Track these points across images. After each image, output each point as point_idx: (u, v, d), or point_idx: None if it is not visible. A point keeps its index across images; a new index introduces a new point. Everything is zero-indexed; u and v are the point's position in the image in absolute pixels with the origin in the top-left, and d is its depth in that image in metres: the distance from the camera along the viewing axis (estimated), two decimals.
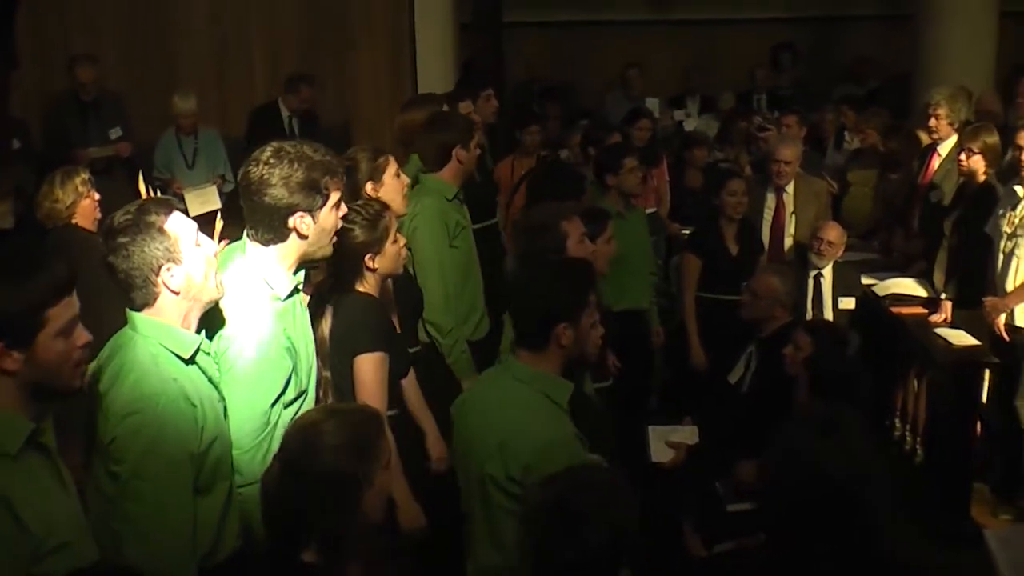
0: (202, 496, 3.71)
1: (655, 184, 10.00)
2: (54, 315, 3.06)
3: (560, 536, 3.21)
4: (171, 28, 11.89)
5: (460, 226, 6.39)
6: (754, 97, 13.55)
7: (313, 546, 3.15)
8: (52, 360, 3.08)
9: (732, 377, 6.68)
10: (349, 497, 3.17)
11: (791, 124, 10.20)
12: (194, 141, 10.86)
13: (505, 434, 4.00)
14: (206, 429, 3.68)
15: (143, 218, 3.62)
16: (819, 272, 7.99)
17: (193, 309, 3.74)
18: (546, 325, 4.12)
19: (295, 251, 4.13)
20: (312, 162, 4.05)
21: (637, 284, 7.56)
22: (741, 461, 5.88)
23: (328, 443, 3.18)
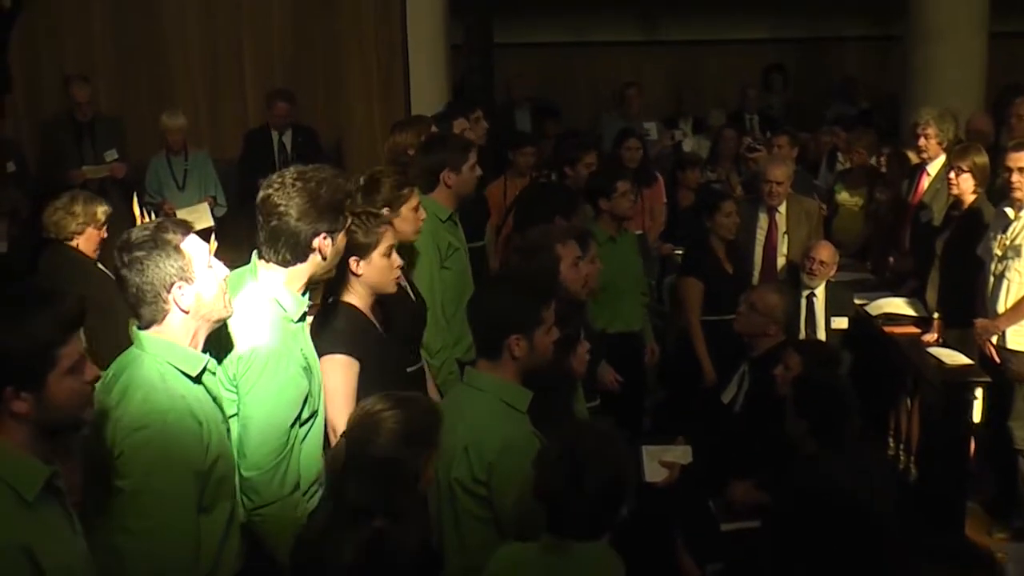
0: (204, 515, 3.72)
1: (648, 205, 9.99)
2: (64, 353, 3.02)
3: (567, 481, 3.60)
4: (163, 50, 11.88)
5: (453, 247, 6.37)
6: (746, 117, 13.57)
7: (380, 517, 3.41)
8: (63, 399, 3.04)
9: (725, 396, 6.70)
10: (406, 479, 3.51)
11: (782, 144, 10.18)
12: (184, 163, 10.82)
13: (468, 439, 4.13)
14: (211, 447, 3.70)
15: (161, 235, 3.66)
16: (811, 292, 7.98)
17: (201, 328, 3.77)
18: (498, 335, 4.24)
19: (307, 272, 4.21)
20: (336, 185, 4.18)
21: (629, 306, 7.55)
22: (734, 480, 5.92)
23: (389, 430, 3.51)
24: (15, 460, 2.99)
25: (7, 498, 2.95)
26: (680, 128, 13.12)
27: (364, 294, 4.92)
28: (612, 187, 7.57)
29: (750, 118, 13.54)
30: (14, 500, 2.96)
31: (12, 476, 2.97)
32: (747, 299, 6.86)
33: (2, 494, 2.95)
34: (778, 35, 15.80)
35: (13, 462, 2.98)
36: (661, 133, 12.65)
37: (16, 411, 2.97)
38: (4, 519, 2.92)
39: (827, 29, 15.84)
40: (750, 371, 6.62)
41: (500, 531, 4.11)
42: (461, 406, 4.28)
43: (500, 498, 4.09)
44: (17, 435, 3.00)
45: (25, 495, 2.98)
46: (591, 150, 9.19)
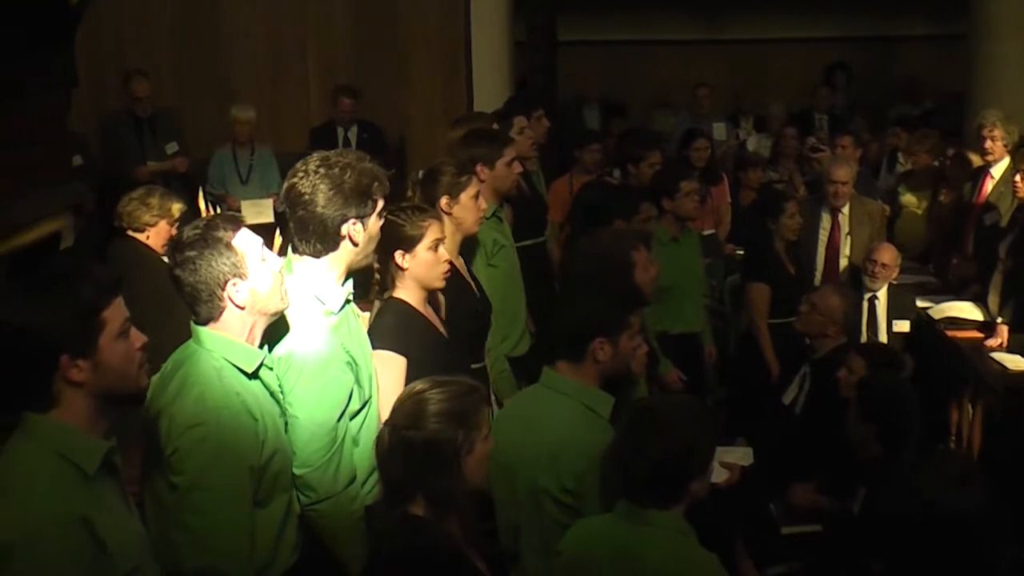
0: (261, 509, 3.73)
1: (715, 205, 9.95)
2: (109, 316, 3.05)
3: (632, 444, 3.65)
4: (225, 44, 11.92)
5: (498, 244, 6.33)
6: (815, 116, 13.44)
7: (420, 501, 3.45)
8: (118, 362, 3.08)
9: (786, 398, 6.68)
10: (449, 460, 3.46)
11: (846, 145, 10.10)
12: (250, 158, 10.93)
13: (554, 445, 4.07)
14: (267, 443, 3.71)
15: (211, 233, 3.67)
16: (873, 295, 7.93)
17: (258, 323, 3.78)
18: (583, 338, 4.20)
19: (343, 261, 4.16)
20: (362, 169, 4.10)
21: (690, 307, 7.49)
22: (795, 483, 5.88)
23: (431, 410, 3.48)
24: (75, 435, 3.04)
25: (68, 472, 3.00)
26: (741, 127, 13.06)
27: (413, 288, 4.88)
28: (676, 187, 7.53)
29: (819, 117, 13.40)
30: (75, 474, 3.01)
31: (72, 451, 3.01)
32: (809, 299, 6.84)
33: (63, 468, 3.00)
34: (841, 33, 15.69)
35: (73, 437, 3.03)
36: (729, 134, 12.60)
37: (74, 379, 3.01)
38: (65, 491, 2.97)
39: (891, 27, 15.73)
40: (811, 373, 6.59)
41: None
42: (542, 409, 4.25)
43: (590, 508, 4.02)
44: (76, 408, 3.04)
45: (86, 468, 3.02)
46: (655, 149, 9.15)
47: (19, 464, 3.01)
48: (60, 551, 2.89)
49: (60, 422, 3.03)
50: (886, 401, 5.19)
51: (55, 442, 3.01)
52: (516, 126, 7.74)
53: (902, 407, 5.19)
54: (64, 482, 2.99)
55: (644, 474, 3.62)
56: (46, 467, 2.99)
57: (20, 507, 2.93)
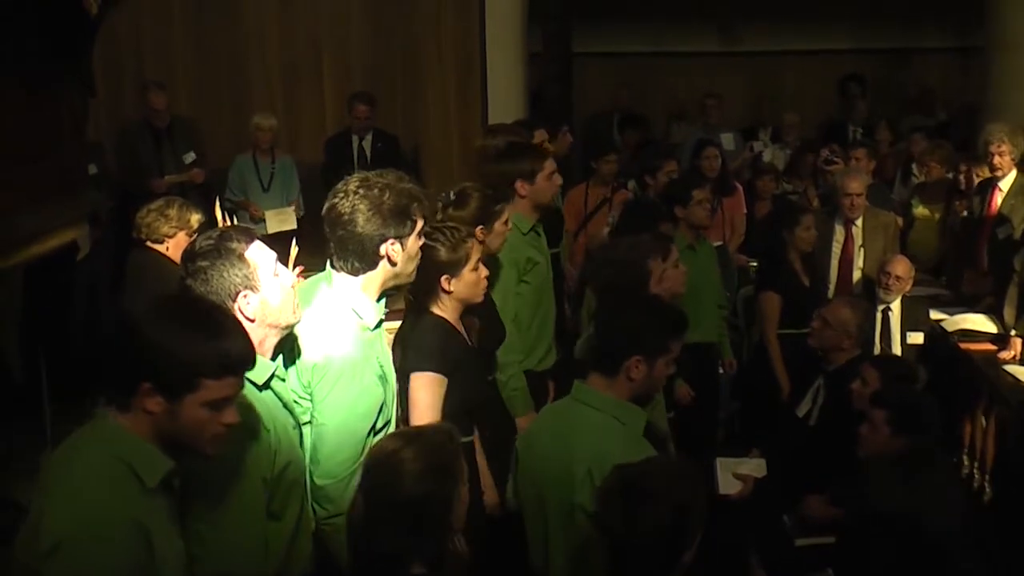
0: (273, 521, 3.73)
1: (729, 216, 9.96)
2: (208, 386, 3.08)
3: (623, 516, 3.39)
4: (241, 54, 11.96)
5: (533, 262, 6.32)
6: (850, 128, 13.39)
7: (417, 563, 3.31)
8: (190, 425, 3.10)
9: (800, 410, 6.67)
10: (442, 516, 3.35)
11: (860, 157, 10.10)
12: (271, 165, 10.98)
13: (589, 461, 4.02)
14: (279, 454, 3.71)
15: (224, 244, 3.67)
16: (887, 306, 7.92)
17: (268, 336, 3.77)
18: (622, 353, 4.17)
19: (381, 279, 4.20)
20: (400, 189, 4.14)
21: (707, 317, 7.49)
22: (809, 495, 5.88)
23: (411, 469, 3.33)
24: (142, 448, 3.08)
25: (131, 481, 3.05)
26: (760, 139, 13.07)
27: (454, 307, 4.92)
28: (688, 195, 7.55)
29: (854, 129, 13.38)
30: (134, 483, 3.05)
31: (137, 461, 3.06)
32: (819, 314, 6.83)
33: (127, 477, 3.04)
34: (857, 45, 15.67)
35: (140, 449, 3.08)
36: (737, 144, 12.61)
37: (147, 407, 3.05)
38: (123, 495, 3.02)
39: (907, 39, 15.69)
40: (825, 385, 6.59)
41: None
42: (574, 424, 4.21)
43: None
44: (144, 428, 3.08)
45: (147, 482, 3.06)
46: (671, 159, 9.19)
47: (82, 463, 3.06)
48: (110, 549, 2.93)
49: (130, 432, 3.08)
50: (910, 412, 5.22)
51: (122, 449, 3.06)
52: (536, 139, 7.75)
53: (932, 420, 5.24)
54: (123, 486, 3.03)
55: (631, 550, 3.43)
56: (108, 470, 3.04)
57: (77, 503, 2.97)
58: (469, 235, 4.98)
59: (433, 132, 11.94)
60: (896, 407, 5.27)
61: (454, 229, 4.95)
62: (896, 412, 5.24)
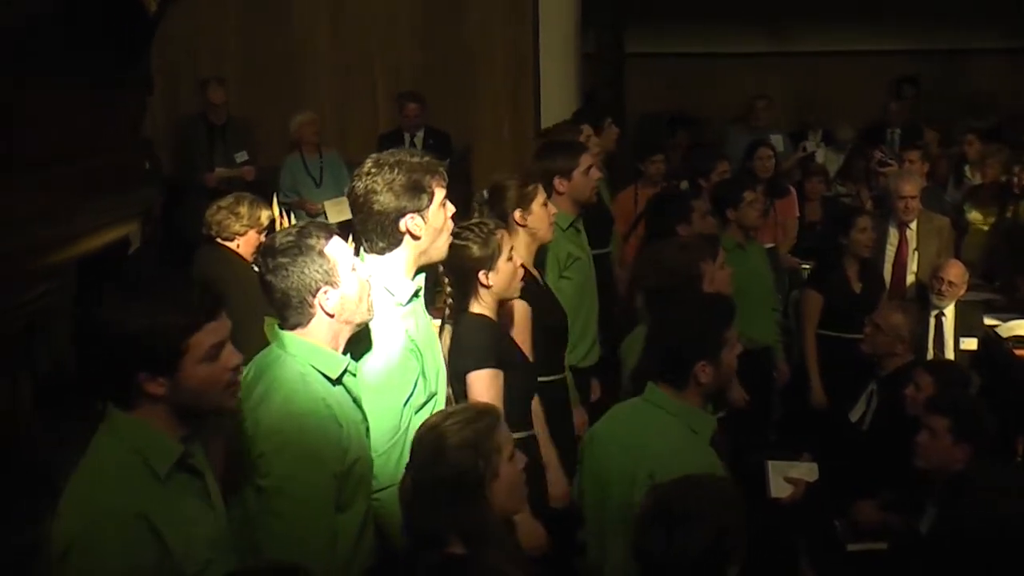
0: (342, 514, 3.77)
1: (780, 218, 9.90)
2: (195, 342, 3.07)
3: (661, 536, 3.31)
4: (293, 56, 12.05)
5: (573, 257, 6.36)
6: (887, 131, 13.34)
7: (456, 540, 3.36)
8: (198, 386, 3.10)
9: (853, 415, 6.64)
10: (476, 491, 3.39)
11: (914, 159, 10.02)
12: (319, 161, 11.05)
13: (652, 464, 4.01)
14: (350, 450, 3.75)
15: (304, 240, 3.72)
16: (940, 312, 7.87)
17: (343, 331, 3.82)
18: (685, 362, 4.16)
19: (410, 255, 4.22)
20: (412, 164, 4.16)
21: (759, 319, 7.42)
22: (861, 500, 5.84)
23: (449, 444, 3.41)
24: (150, 435, 3.08)
25: (138, 469, 3.05)
26: (810, 140, 13.00)
27: (492, 303, 4.94)
28: (739, 197, 7.52)
29: (891, 132, 13.30)
30: (145, 472, 3.05)
31: (148, 449, 3.06)
32: (871, 320, 6.80)
33: (134, 466, 3.05)
34: (910, 47, 15.55)
35: (148, 436, 3.08)
36: (786, 146, 12.55)
37: (151, 392, 3.05)
38: (129, 488, 3.02)
39: (961, 40, 15.55)
40: (878, 390, 6.56)
41: None
42: (644, 427, 4.21)
43: None
44: (155, 412, 3.09)
45: (157, 469, 3.06)
46: (724, 160, 9.15)
47: (95, 458, 3.08)
48: (116, 546, 2.94)
49: (139, 419, 3.08)
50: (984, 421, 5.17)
51: (133, 439, 3.07)
52: (583, 134, 7.75)
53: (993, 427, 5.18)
54: (130, 479, 3.04)
55: (675, 571, 3.33)
56: (118, 462, 3.05)
57: (86, 500, 3.00)
58: (497, 227, 5.00)
59: (486, 134, 11.97)
60: (957, 414, 5.19)
61: (481, 224, 4.98)
62: (958, 419, 5.16)
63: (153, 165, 10.17)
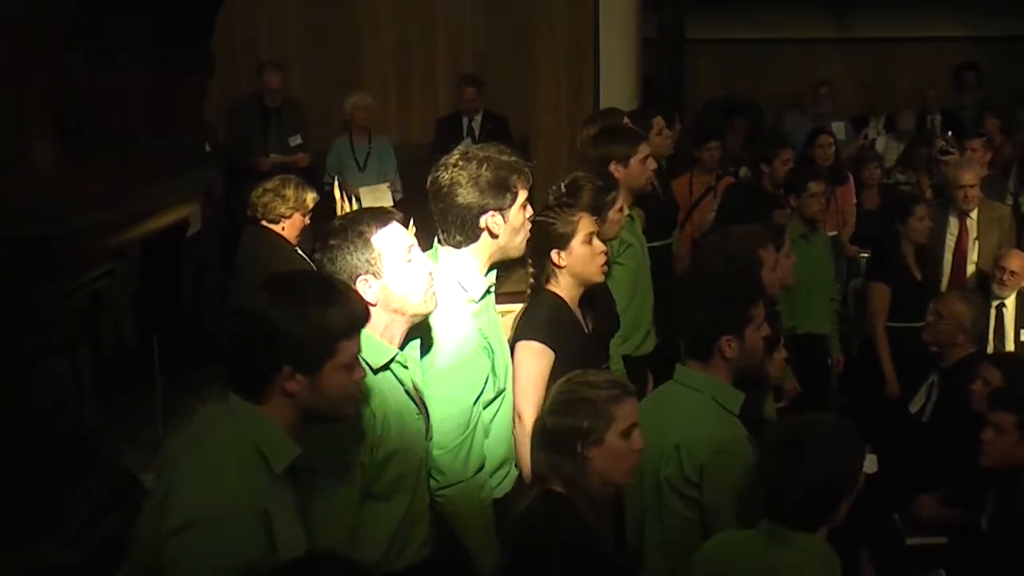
0: (380, 503, 3.76)
1: (839, 205, 9.83)
2: (344, 348, 3.13)
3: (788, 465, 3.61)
4: (354, 36, 12.05)
5: (626, 243, 6.28)
6: (927, 118, 13.24)
7: (556, 480, 3.68)
8: (332, 390, 3.14)
9: (913, 407, 6.58)
10: (570, 446, 3.64)
11: (976, 148, 9.91)
12: (367, 146, 11.05)
13: (679, 437, 4.12)
14: (386, 439, 3.72)
15: (355, 227, 3.73)
16: (1001, 302, 7.78)
17: (395, 322, 3.79)
18: (709, 338, 4.23)
19: (486, 252, 4.22)
20: (500, 162, 4.17)
21: (819, 308, 7.44)
22: (922, 494, 5.78)
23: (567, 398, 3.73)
24: (273, 431, 3.11)
25: (261, 466, 3.08)
26: (871, 127, 12.89)
27: (570, 285, 4.89)
28: (804, 186, 7.55)
29: (931, 118, 13.19)
30: (265, 468, 3.08)
31: (268, 445, 3.09)
32: (934, 308, 6.73)
33: (256, 461, 3.08)
34: (975, 33, 15.40)
35: (270, 432, 3.11)
36: (848, 133, 12.45)
37: (288, 390, 3.09)
38: (254, 482, 3.05)
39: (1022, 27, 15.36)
40: (940, 382, 6.48)
41: (707, 533, 4.06)
42: (672, 403, 4.29)
43: (710, 499, 4.08)
44: (283, 410, 3.12)
45: (275, 466, 3.10)
46: (786, 146, 9.10)
47: (218, 446, 3.09)
48: (237, 535, 2.96)
49: (265, 413, 3.11)
50: None
51: (256, 432, 3.09)
52: (656, 127, 7.71)
53: None
54: (254, 472, 3.06)
55: (800, 496, 3.60)
56: (241, 454, 3.06)
57: (210, 485, 3.00)
58: (581, 209, 4.98)
59: (545, 117, 11.95)
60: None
61: (566, 204, 4.97)
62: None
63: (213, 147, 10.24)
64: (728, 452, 4.07)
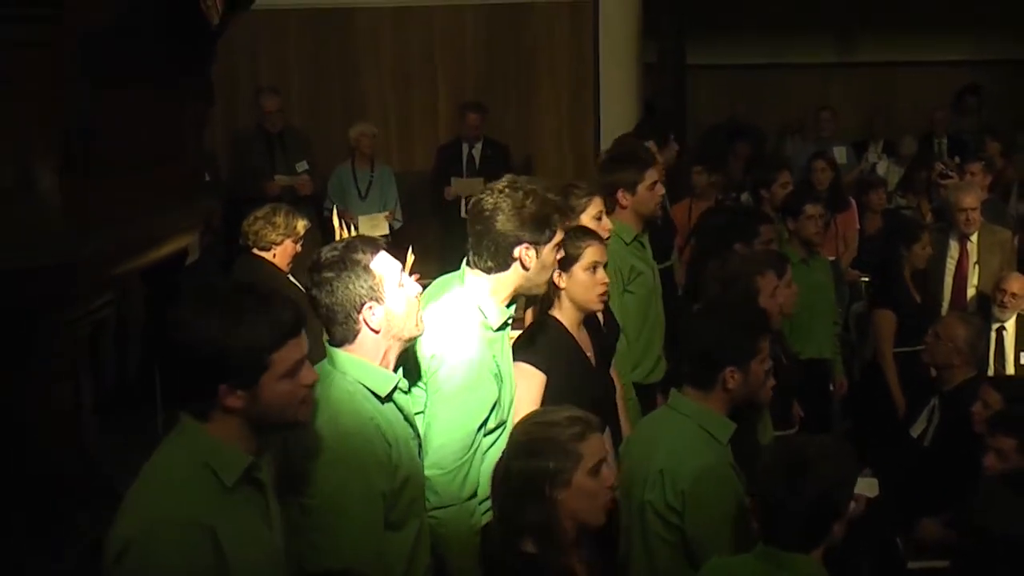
0: (393, 532, 3.75)
1: (841, 231, 9.85)
2: (279, 358, 3.05)
3: (782, 482, 3.58)
4: (355, 66, 12.08)
5: (636, 271, 6.29)
6: (934, 141, 13.24)
7: (529, 538, 3.40)
8: (275, 401, 3.08)
9: (915, 431, 6.58)
10: (540, 492, 3.39)
11: (976, 172, 9.91)
12: (370, 174, 11.05)
13: (664, 462, 4.10)
14: (400, 468, 3.73)
15: (350, 255, 3.70)
16: (1002, 325, 7.77)
17: (392, 348, 3.79)
18: (713, 366, 4.20)
19: (512, 283, 4.25)
20: (545, 199, 4.22)
21: (821, 333, 7.43)
22: (923, 518, 5.78)
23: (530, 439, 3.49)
24: (220, 446, 3.06)
25: (206, 480, 3.03)
26: (871, 151, 12.91)
27: (571, 310, 4.94)
28: (800, 209, 7.56)
29: (938, 142, 13.21)
30: (213, 483, 3.03)
31: (215, 460, 3.04)
32: (934, 329, 6.75)
33: (203, 477, 3.03)
34: (976, 56, 15.42)
35: (216, 447, 3.06)
36: (850, 158, 12.47)
37: (229, 406, 3.03)
38: (195, 497, 3.00)
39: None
40: (941, 405, 6.49)
41: (690, 559, 4.07)
42: (661, 428, 4.30)
43: (692, 526, 4.06)
44: (229, 425, 3.06)
45: (224, 480, 3.04)
46: (784, 170, 9.12)
47: (162, 464, 3.06)
48: (174, 553, 2.91)
49: (211, 435, 3.06)
50: None
51: (199, 448, 3.05)
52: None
53: None
54: (197, 488, 3.01)
55: (796, 515, 3.56)
56: (184, 471, 3.03)
57: (146, 504, 2.98)
58: (591, 237, 5.03)
59: (546, 144, 11.96)
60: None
61: (578, 229, 5.04)
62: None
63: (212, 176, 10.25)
64: (712, 479, 4.06)
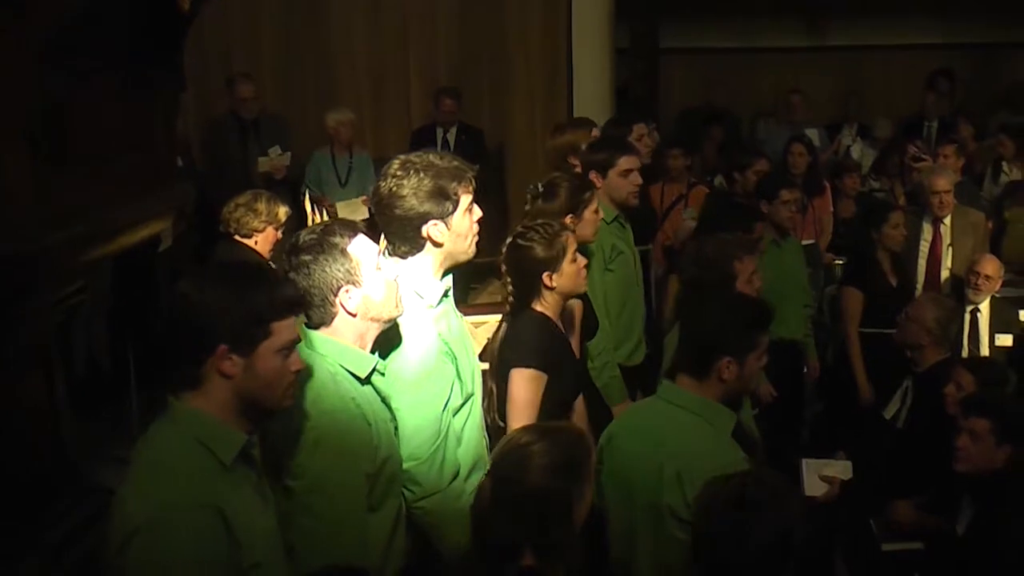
0: (373, 514, 3.77)
1: (816, 215, 9.87)
2: (278, 329, 3.12)
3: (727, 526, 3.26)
4: (328, 52, 11.99)
5: (617, 250, 6.34)
6: (925, 124, 13.24)
7: (529, 553, 3.28)
8: (268, 374, 3.13)
9: (888, 412, 6.61)
10: (561, 512, 3.32)
11: (949, 154, 9.94)
12: (348, 160, 10.97)
13: (679, 463, 3.97)
14: (380, 448, 3.76)
15: (327, 239, 3.71)
16: (975, 307, 7.81)
17: (370, 330, 3.81)
18: (711, 356, 4.12)
19: (435, 259, 4.18)
20: (439, 169, 4.11)
21: (792, 314, 7.41)
22: (897, 500, 5.80)
23: (539, 464, 3.33)
24: (214, 423, 3.10)
25: (206, 460, 3.07)
26: (844, 134, 12.92)
27: (555, 302, 4.95)
28: (775, 193, 7.57)
29: (929, 125, 13.20)
30: (213, 463, 3.07)
31: (210, 439, 3.08)
32: (905, 311, 6.78)
33: (202, 456, 3.07)
34: (948, 40, 15.44)
35: (213, 427, 3.10)
36: (823, 140, 12.49)
37: (224, 371, 3.07)
38: (198, 478, 3.03)
39: (998, 35, 15.42)
40: (914, 387, 6.51)
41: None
42: (664, 423, 4.17)
43: None
44: (220, 397, 3.10)
45: (223, 458, 3.08)
46: (761, 157, 9.12)
47: (159, 449, 3.09)
48: (186, 536, 2.93)
49: (200, 410, 3.09)
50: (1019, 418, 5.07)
51: (194, 429, 3.08)
52: (636, 133, 7.74)
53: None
54: (198, 468, 3.05)
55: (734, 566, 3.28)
56: (184, 453, 3.06)
57: (153, 490, 2.99)
58: (563, 228, 5.01)
59: (519, 128, 11.89)
60: (1000, 415, 5.06)
61: (546, 225, 4.97)
62: (1000, 421, 5.03)
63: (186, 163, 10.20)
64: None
